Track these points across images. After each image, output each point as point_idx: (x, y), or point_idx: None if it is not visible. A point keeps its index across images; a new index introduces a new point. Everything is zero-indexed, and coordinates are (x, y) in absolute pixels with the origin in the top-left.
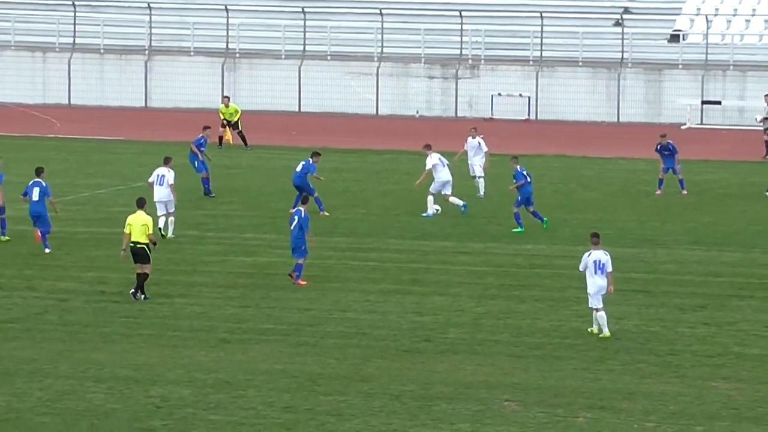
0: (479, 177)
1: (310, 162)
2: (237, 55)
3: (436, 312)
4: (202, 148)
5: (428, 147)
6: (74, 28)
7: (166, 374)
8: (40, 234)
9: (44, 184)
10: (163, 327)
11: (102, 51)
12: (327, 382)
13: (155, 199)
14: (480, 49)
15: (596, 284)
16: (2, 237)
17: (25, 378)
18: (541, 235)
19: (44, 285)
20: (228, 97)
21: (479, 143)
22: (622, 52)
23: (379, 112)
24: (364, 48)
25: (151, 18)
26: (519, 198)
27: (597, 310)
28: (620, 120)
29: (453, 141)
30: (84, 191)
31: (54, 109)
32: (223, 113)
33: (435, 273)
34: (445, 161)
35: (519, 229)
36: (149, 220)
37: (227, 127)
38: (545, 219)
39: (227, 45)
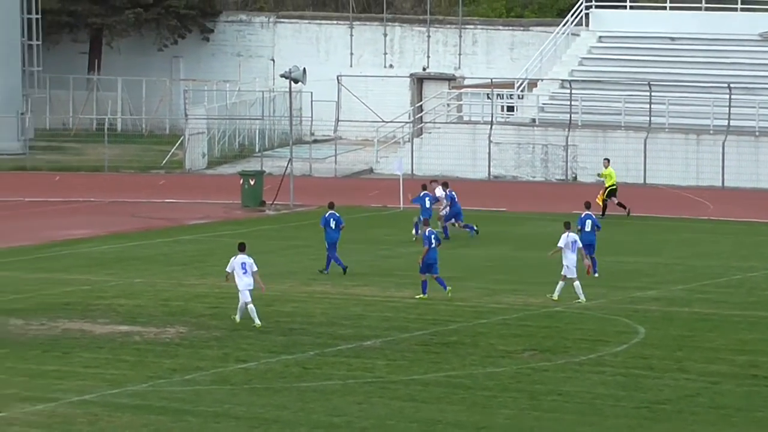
0: None
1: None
2: None
3: None
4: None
5: None
6: (729, 110)
7: None
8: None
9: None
10: None
11: (757, 134)
12: None
13: None
14: None
15: None
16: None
17: None
18: None
19: (695, 367)
20: (608, 159)
21: None
22: None
23: None
24: None
25: None
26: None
27: None
28: None
29: None
30: (736, 273)
31: (707, 191)
32: (602, 175)
33: None
34: None
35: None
36: None
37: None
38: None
39: None
